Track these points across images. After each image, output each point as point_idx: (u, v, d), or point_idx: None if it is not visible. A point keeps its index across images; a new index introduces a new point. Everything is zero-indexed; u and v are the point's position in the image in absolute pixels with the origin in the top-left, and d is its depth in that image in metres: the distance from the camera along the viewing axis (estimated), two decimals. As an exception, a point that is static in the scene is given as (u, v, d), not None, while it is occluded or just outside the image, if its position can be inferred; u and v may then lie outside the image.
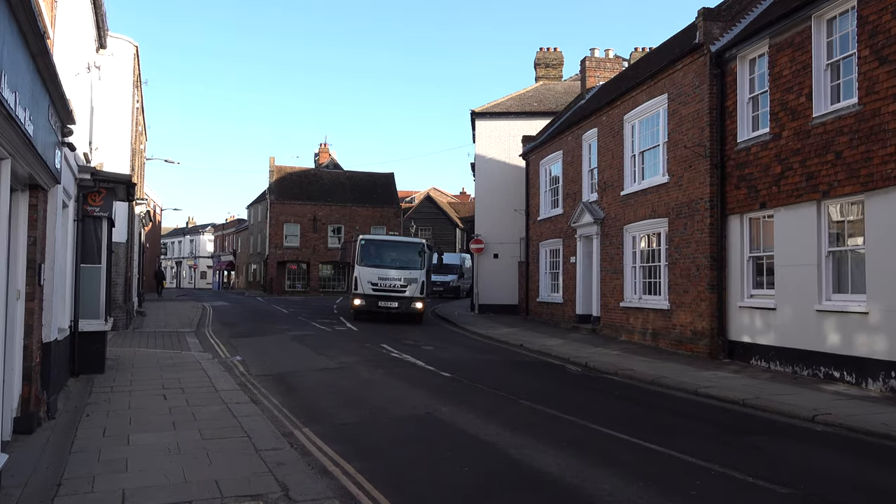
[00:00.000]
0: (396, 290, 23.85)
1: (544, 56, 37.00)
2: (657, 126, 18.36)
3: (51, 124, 7.08)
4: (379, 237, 27.34)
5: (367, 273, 23.92)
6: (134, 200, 13.96)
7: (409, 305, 23.92)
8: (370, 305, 23.74)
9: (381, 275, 23.85)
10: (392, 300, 23.75)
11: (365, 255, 24.44)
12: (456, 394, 10.63)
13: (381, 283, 23.77)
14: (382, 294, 23.73)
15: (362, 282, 23.77)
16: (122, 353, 14.37)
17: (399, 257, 24.73)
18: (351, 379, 11.97)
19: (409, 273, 24.17)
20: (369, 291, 23.76)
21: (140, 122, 25.52)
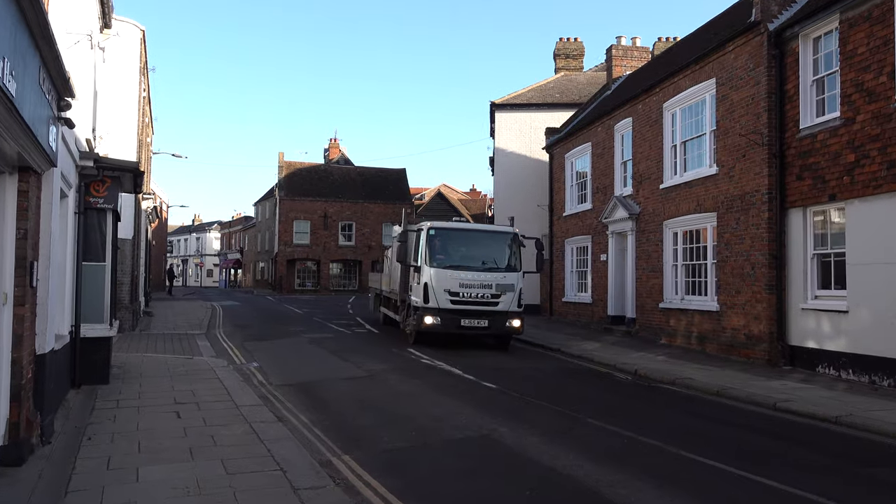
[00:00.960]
0: (487, 303, 16.25)
1: (564, 46, 35.69)
2: (702, 113, 17.04)
3: (43, 92, 5.84)
4: (454, 225, 18.36)
5: (442, 278, 16.03)
6: (141, 192, 12.74)
7: (504, 324, 16.30)
8: (447, 325, 15.93)
9: (465, 279, 16.16)
10: (481, 316, 16.13)
11: (436, 251, 16.51)
12: (509, 410, 9.35)
13: (466, 293, 16.04)
14: (468, 308, 16.07)
15: (436, 291, 15.92)
16: (128, 360, 13.15)
17: (486, 254, 17.27)
18: (384, 390, 10.72)
19: (503, 277, 16.54)
20: (446, 305, 15.89)
21: (147, 112, 24.31)
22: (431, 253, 16.46)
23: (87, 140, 11.25)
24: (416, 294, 16.53)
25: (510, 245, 17.41)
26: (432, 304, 15.97)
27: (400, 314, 18.49)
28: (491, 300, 16.29)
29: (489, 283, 16.34)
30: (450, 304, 16.00)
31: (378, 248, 51.27)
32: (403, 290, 17.75)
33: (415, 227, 17.25)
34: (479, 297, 16.19)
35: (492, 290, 16.29)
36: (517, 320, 16.50)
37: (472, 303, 16.18)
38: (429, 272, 16.20)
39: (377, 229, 51.15)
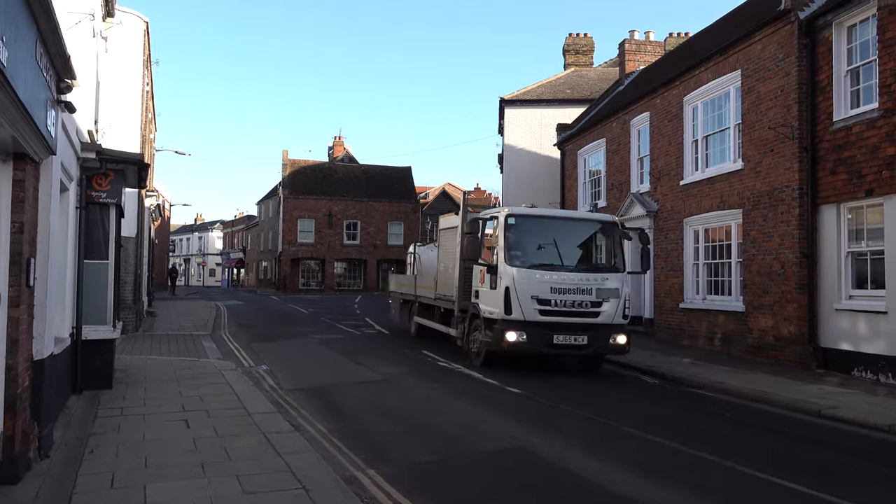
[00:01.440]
0: (586, 313, 12.43)
1: (574, 42, 35.13)
2: (726, 107, 16.44)
3: (40, 69, 5.26)
4: (541, 211, 14.49)
5: (528, 280, 12.19)
6: (146, 188, 12.16)
7: (606, 340, 12.51)
8: (536, 343, 12.14)
9: (558, 283, 12.28)
10: (578, 331, 12.29)
11: (519, 246, 12.72)
12: (539, 418, 8.76)
13: (559, 301, 12.24)
14: (562, 320, 12.25)
15: (520, 298, 12.09)
16: (132, 362, 12.58)
17: (582, 249, 13.77)
18: (403, 396, 10.12)
19: (605, 279, 12.67)
20: (534, 316, 12.09)
21: (150, 108, 23.75)
22: (512, 248, 12.57)
23: (89, 132, 10.68)
24: (490, 302, 12.58)
25: (612, 237, 13.66)
26: (516, 315, 12.06)
27: (456, 327, 14.26)
28: (590, 310, 12.43)
29: (588, 288, 12.42)
30: (538, 316, 12.13)
31: (383, 247, 50.75)
32: (464, 297, 13.86)
33: (486, 215, 13.42)
34: (575, 306, 12.33)
35: (591, 297, 12.41)
36: (622, 336, 12.68)
37: (568, 313, 12.29)
38: (510, 273, 12.19)
39: (382, 228, 50.60)
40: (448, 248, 15.35)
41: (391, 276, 23.12)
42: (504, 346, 12.23)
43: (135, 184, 11.32)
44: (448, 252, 15.32)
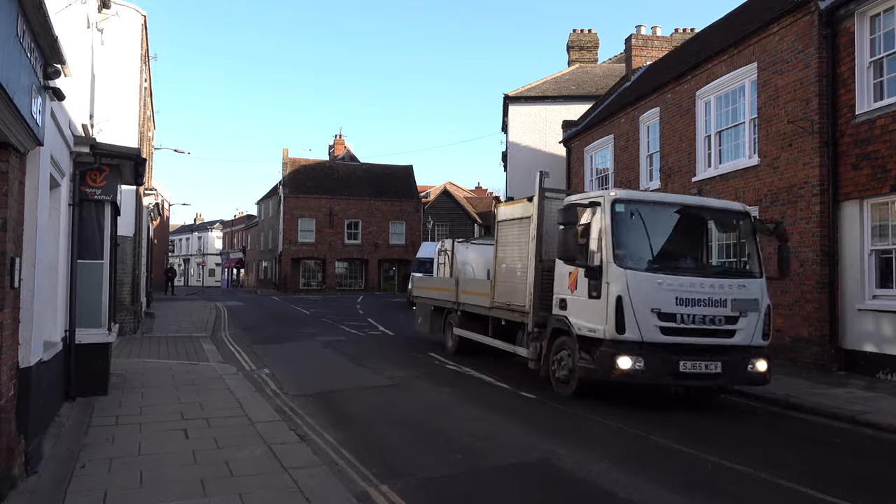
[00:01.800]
0: (720, 331, 9.46)
1: (578, 38, 34.68)
2: (741, 101, 15.97)
3: (23, 49, 4.79)
4: (657, 197, 11.68)
5: (647, 288, 9.23)
6: (143, 184, 11.69)
7: (745, 368, 9.48)
8: (656, 370, 9.14)
9: (687, 291, 9.32)
10: (709, 356, 9.32)
11: (632, 242, 9.76)
12: (560, 427, 8.28)
13: (687, 315, 9.24)
14: (690, 341, 9.28)
15: (636, 310, 9.13)
16: (129, 366, 12.11)
17: (707, 248, 11.49)
18: (413, 401, 9.65)
19: (741, 287, 9.69)
20: (654, 336, 9.17)
21: (148, 104, 23.27)
22: (623, 244, 9.41)
23: (83, 126, 10.20)
24: (589, 315, 9.40)
25: (744, 231, 10.54)
26: (630, 334, 8.95)
27: (527, 345, 11.03)
28: (725, 327, 9.34)
29: (722, 299, 9.31)
30: (660, 336, 9.08)
31: (385, 247, 50.21)
32: (541, 307, 10.60)
33: (584, 200, 10.02)
34: (707, 323, 9.22)
35: (726, 311, 9.32)
36: (762, 361, 9.53)
37: (698, 332, 9.22)
38: (622, 278, 9.03)
39: (384, 227, 50.11)
40: (512, 245, 11.89)
41: (415, 279, 18.89)
42: (615, 375, 8.99)
43: (131, 180, 10.85)
44: (512, 249, 11.87)
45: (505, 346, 12.26)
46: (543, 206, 11.01)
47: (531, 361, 10.93)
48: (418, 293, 17.49)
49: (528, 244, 11.09)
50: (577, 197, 10.66)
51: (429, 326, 16.41)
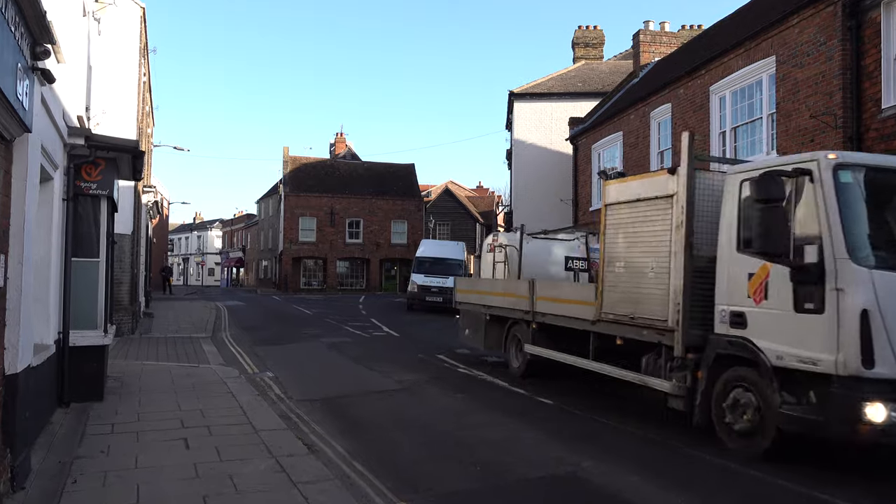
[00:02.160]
0: None
1: (583, 35, 34.19)
2: (759, 95, 15.49)
3: (6, 20, 4.31)
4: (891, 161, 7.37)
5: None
6: (141, 179, 11.22)
7: None
8: None
9: None
10: None
11: (866, 229, 6.57)
12: (582, 435, 7.80)
13: None
14: None
15: (890, 331, 6.04)
16: (127, 369, 11.62)
17: None
18: (426, 407, 9.16)
19: None
20: None
21: (147, 99, 22.77)
22: (856, 231, 6.50)
23: (78, 118, 9.73)
24: (801, 338, 6.49)
25: None
26: (884, 368, 6.09)
27: (666, 376, 8.10)
28: None
29: None
30: None
31: (386, 246, 49.67)
32: (694, 322, 7.68)
33: (784, 165, 6.95)
34: None
35: None
36: None
37: None
38: (867, 282, 6.20)
39: (386, 226, 49.59)
40: (637, 235, 8.82)
41: (459, 281, 15.85)
42: (864, 431, 6.04)
43: (129, 175, 10.37)
44: (634, 241, 8.86)
45: (621, 374, 9.01)
46: (694, 180, 7.93)
47: (674, 399, 7.87)
48: (464, 298, 14.35)
49: (669, 234, 8.03)
50: (773, 161, 8.10)
51: (483, 340, 13.22)
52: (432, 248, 31.24)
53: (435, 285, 27.16)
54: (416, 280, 28.29)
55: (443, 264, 28.63)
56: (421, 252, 30.41)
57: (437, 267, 28.32)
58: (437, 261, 28.90)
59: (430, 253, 30.07)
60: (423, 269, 28.51)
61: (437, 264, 28.65)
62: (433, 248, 31.26)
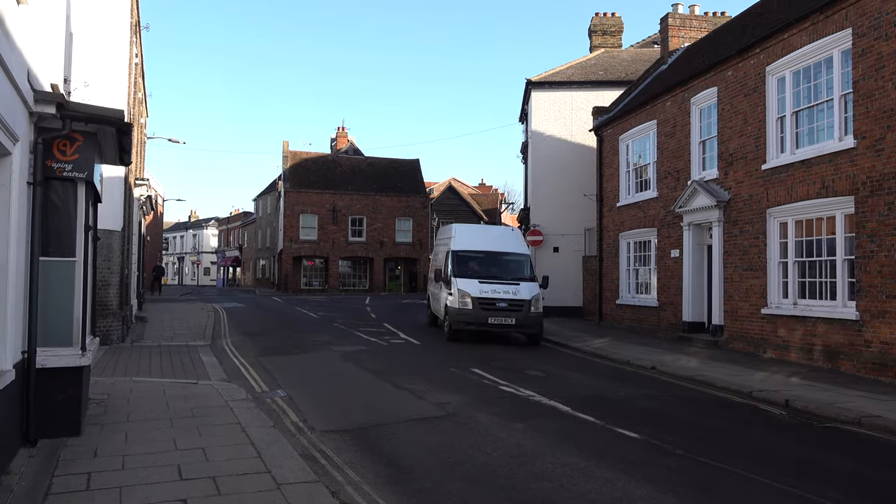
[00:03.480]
0: None
1: (601, 22, 32.49)
2: (828, 74, 13.78)
3: None
4: None
5: None
6: (129, 163, 9.43)
7: None
8: None
9: None
10: None
11: None
12: (699, 485, 6.04)
13: None
14: None
15: None
16: (113, 388, 9.84)
17: None
18: (483, 443, 7.35)
19: None
20: None
21: (140, 85, 20.94)
22: None
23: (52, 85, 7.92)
24: None
25: None
26: None
27: None
28: None
29: None
30: None
31: (391, 245, 47.81)
32: None
33: None
34: None
35: None
36: None
37: None
38: None
39: (390, 224, 47.76)
40: None
41: None
42: None
43: (115, 157, 8.59)
44: None
45: None
46: None
47: None
48: None
49: None
50: None
51: None
52: (475, 237, 19.46)
53: (502, 298, 16.81)
54: (463, 288, 16.92)
55: (501, 263, 18.36)
56: (459, 243, 18.67)
57: (493, 267, 18.10)
58: (491, 257, 18.39)
59: (475, 244, 18.79)
60: (470, 271, 17.88)
61: (491, 263, 18.26)
62: (477, 237, 19.50)
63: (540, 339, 17.54)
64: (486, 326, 16.63)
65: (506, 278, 17.72)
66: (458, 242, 18.69)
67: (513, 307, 16.79)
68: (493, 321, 16.59)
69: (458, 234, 19.19)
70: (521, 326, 16.85)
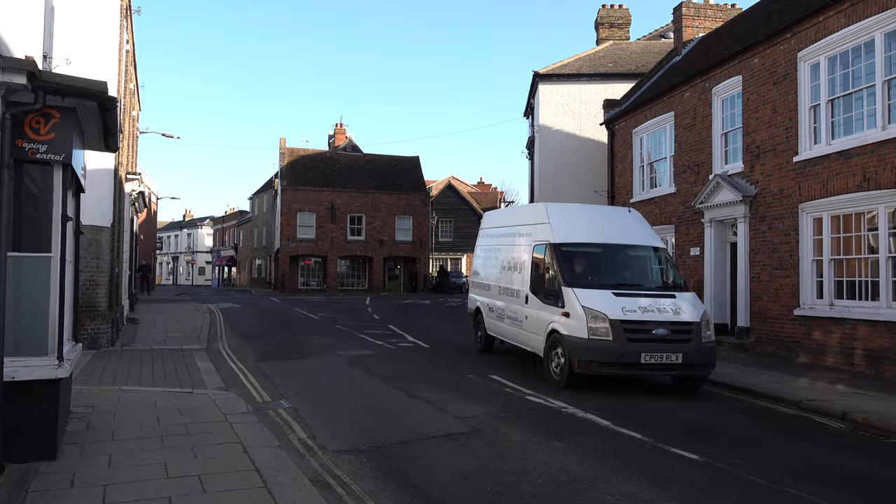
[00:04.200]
0: None
1: (608, 14, 31.63)
2: (868, 59, 12.86)
3: None
4: None
5: None
6: (117, 149, 8.44)
7: None
8: None
9: None
10: None
11: None
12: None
13: None
14: None
15: None
16: (99, 399, 8.85)
17: None
18: (523, 468, 6.37)
19: None
20: None
21: (132, 75, 19.92)
22: None
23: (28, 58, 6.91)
24: None
25: None
26: None
27: None
28: None
29: None
30: None
31: (391, 244, 46.79)
32: None
33: None
34: None
35: None
36: None
37: None
38: None
39: (390, 223, 46.73)
40: None
41: None
42: None
43: (99, 139, 7.61)
44: None
45: None
46: None
47: None
48: None
49: None
50: None
51: None
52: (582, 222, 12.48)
53: (659, 321, 10.37)
54: (592, 305, 10.40)
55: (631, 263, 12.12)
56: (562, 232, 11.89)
57: (624, 271, 11.87)
58: (614, 253, 12.04)
59: (586, 233, 12.11)
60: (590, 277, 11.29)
61: (617, 263, 12.00)
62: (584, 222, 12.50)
63: (704, 383, 10.99)
64: (638, 368, 9.99)
65: (647, 286, 11.33)
66: (560, 230, 11.78)
67: (677, 335, 10.27)
68: (648, 359, 9.90)
69: (555, 217, 12.18)
70: (689, 366, 10.26)
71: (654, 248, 12.39)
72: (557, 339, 10.70)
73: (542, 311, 11.44)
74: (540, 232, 12.28)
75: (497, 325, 13.85)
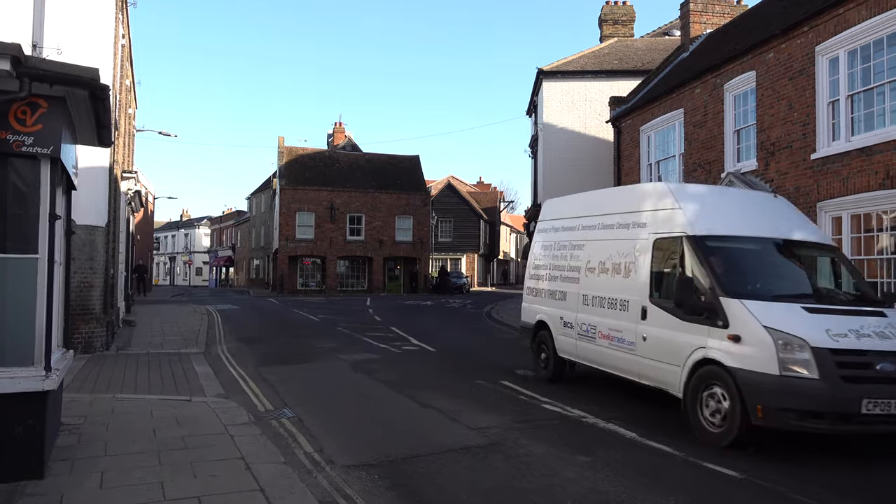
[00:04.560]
0: None
1: (612, 11, 31.21)
2: (890, 52, 12.40)
3: None
4: None
5: None
6: (111, 144, 7.96)
7: None
8: None
9: None
10: None
11: None
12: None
13: None
14: None
15: None
16: (92, 409, 8.37)
17: None
18: (543, 483, 5.92)
19: None
20: None
21: (128, 71, 19.42)
22: None
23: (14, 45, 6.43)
24: None
25: None
26: None
27: None
28: None
29: None
30: None
31: (390, 244, 46.31)
32: None
33: None
34: None
35: None
36: None
37: None
38: None
39: (390, 223, 46.25)
40: None
41: None
42: None
43: (91, 134, 7.13)
44: None
45: None
46: None
47: None
48: None
49: None
50: None
51: None
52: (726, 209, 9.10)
53: (884, 349, 6.93)
54: (782, 328, 6.99)
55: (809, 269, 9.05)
56: (707, 221, 8.50)
57: (794, 277, 8.74)
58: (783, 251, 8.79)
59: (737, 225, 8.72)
60: (758, 284, 8.09)
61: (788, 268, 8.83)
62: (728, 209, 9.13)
63: None
64: (857, 422, 6.74)
65: (836, 300, 8.38)
66: (700, 218, 8.58)
67: None
68: (871, 408, 6.68)
69: (686, 200, 8.93)
70: None
71: (829, 245, 9.53)
72: (715, 373, 7.39)
73: (678, 332, 8.04)
74: (663, 221, 8.83)
75: (581, 346, 10.37)
